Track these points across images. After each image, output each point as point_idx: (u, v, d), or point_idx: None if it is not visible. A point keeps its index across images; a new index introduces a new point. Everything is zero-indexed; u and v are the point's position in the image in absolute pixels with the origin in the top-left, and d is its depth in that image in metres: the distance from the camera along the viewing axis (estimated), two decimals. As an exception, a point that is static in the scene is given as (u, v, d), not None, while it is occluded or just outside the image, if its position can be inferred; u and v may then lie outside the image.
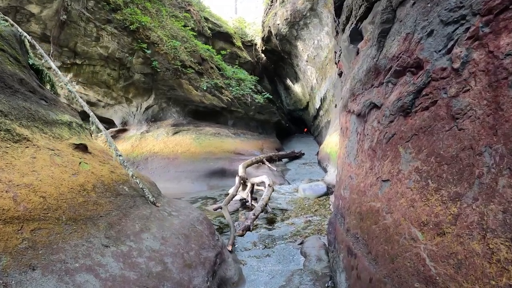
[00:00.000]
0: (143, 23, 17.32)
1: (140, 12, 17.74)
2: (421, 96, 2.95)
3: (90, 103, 19.03)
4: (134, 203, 5.42)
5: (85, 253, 3.65)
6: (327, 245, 7.00)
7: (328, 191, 12.03)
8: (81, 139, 6.07)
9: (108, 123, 20.99)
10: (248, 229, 7.29)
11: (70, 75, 16.34)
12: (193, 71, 19.73)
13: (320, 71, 22.01)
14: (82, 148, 5.69)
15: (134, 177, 5.97)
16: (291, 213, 10.19)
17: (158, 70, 17.65)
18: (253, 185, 11.31)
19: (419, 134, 2.89)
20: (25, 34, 6.89)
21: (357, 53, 5.70)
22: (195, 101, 19.36)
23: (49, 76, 7.04)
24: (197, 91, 19.56)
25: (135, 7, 17.68)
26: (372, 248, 3.42)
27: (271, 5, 26.08)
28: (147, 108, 18.98)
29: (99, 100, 18.63)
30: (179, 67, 18.52)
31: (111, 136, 18.02)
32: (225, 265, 5.67)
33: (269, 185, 10.29)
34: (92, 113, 6.33)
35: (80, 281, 3.26)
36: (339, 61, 7.72)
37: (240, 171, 13.55)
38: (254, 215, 7.98)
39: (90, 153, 5.87)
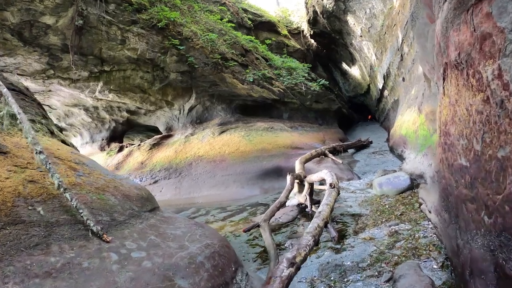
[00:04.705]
0: (172, 19, 14.89)
1: (169, 10, 15.34)
2: None
3: (130, 112, 17.12)
4: (44, 238, 2.65)
5: None
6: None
7: (413, 184, 8.39)
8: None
9: (154, 131, 18.97)
10: (288, 280, 3.29)
11: (101, 83, 14.33)
12: (236, 63, 16.92)
13: (378, 43, 18.03)
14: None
15: (63, 189, 3.16)
16: (367, 220, 6.80)
17: (196, 66, 15.08)
18: (311, 185, 8.07)
19: None
20: None
21: None
22: (241, 95, 16.50)
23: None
24: (243, 84, 16.70)
25: (163, 6, 15.28)
26: None
27: (311, -18, 22.54)
28: (190, 110, 16.50)
29: (139, 108, 16.54)
30: (219, 60, 15.80)
31: (155, 143, 15.83)
32: None
33: (331, 185, 6.70)
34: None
35: None
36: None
37: (297, 168, 10.44)
38: (305, 248, 3.86)
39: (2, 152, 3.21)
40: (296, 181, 8.62)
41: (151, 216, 4.25)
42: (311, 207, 7.66)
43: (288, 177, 8.04)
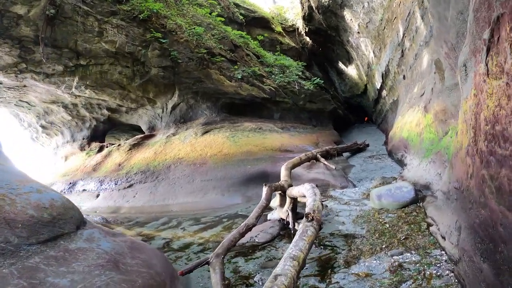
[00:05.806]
0: (155, 11, 13.48)
1: (153, 1, 13.89)
2: None
3: (111, 110, 15.64)
4: None
5: None
6: None
7: (417, 197, 6.86)
8: None
9: (140, 130, 17.46)
10: None
11: (76, 78, 12.88)
12: (223, 59, 15.43)
13: (377, 40, 16.49)
14: None
15: None
16: (363, 245, 5.25)
17: (179, 61, 13.62)
18: (293, 199, 6.55)
19: None
20: None
21: None
22: (228, 92, 14.97)
23: None
24: (230, 81, 15.19)
25: (147, -3, 13.86)
26: None
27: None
28: (173, 108, 14.98)
29: (120, 105, 15.06)
30: (205, 55, 14.31)
31: (135, 144, 14.40)
32: None
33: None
34: None
35: None
36: None
37: (283, 175, 8.90)
38: None
39: None
40: (279, 192, 7.12)
41: (40, 250, 2.76)
42: (294, 225, 6.15)
43: (264, 189, 6.42)
